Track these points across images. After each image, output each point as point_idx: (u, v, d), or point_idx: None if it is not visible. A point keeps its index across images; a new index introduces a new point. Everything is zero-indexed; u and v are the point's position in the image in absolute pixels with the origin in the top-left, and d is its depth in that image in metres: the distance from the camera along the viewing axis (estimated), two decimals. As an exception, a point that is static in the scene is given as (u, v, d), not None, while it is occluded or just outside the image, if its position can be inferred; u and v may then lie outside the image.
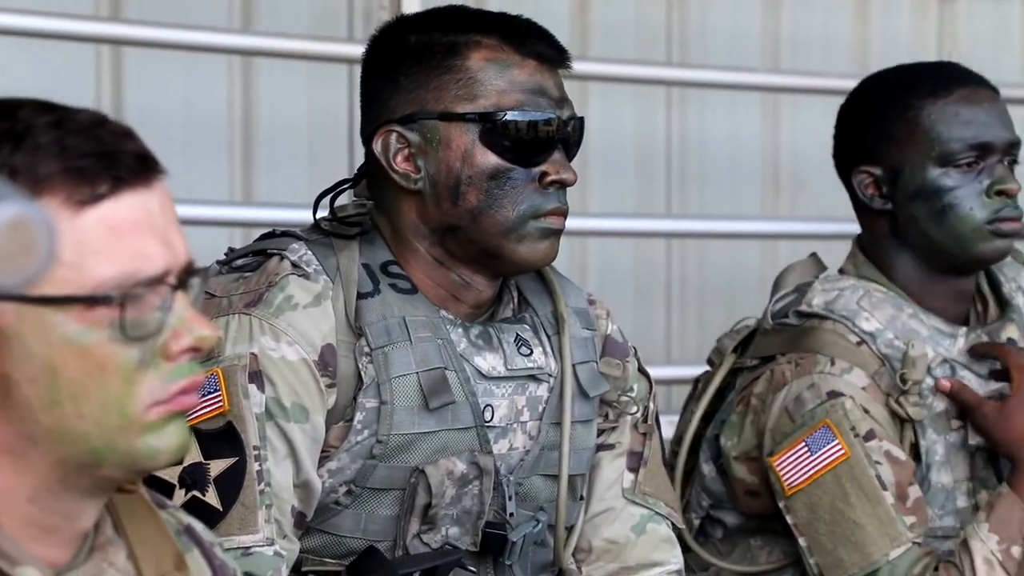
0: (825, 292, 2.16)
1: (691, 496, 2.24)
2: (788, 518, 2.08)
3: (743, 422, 2.16)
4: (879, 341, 2.11)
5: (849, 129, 2.21)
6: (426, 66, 1.81)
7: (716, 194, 4.05)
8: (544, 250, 1.80)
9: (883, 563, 2.03)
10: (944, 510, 2.11)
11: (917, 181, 2.13)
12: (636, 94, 3.94)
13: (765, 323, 2.21)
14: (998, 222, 2.11)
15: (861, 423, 2.06)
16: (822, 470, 2.06)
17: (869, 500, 2.04)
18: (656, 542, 1.93)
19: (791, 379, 2.11)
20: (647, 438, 1.95)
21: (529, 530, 1.83)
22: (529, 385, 1.84)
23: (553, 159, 1.80)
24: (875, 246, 2.18)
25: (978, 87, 2.15)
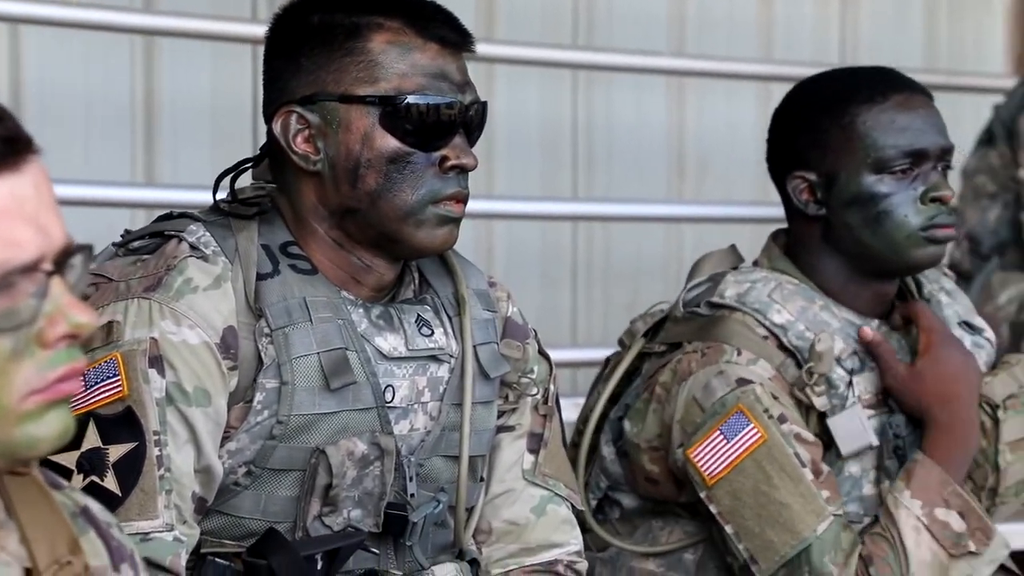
0: (738, 284, 2.16)
1: (590, 477, 2.25)
2: (711, 507, 2.08)
3: (647, 410, 2.16)
4: (790, 333, 2.11)
5: (784, 134, 2.20)
6: (328, 47, 1.80)
7: (622, 177, 4.07)
8: (443, 236, 1.80)
9: (812, 539, 2.04)
10: (850, 496, 2.12)
11: (852, 188, 2.12)
12: (542, 77, 3.95)
13: (676, 310, 2.21)
14: (933, 228, 2.11)
15: (773, 407, 2.07)
16: (741, 456, 2.07)
17: (791, 479, 2.06)
18: (556, 523, 1.93)
19: (697, 369, 2.11)
20: (547, 420, 1.95)
21: (430, 511, 1.83)
22: (430, 366, 1.84)
23: (454, 144, 1.80)
24: (802, 249, 2.18)
25: (913, 93, 2.14)
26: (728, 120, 4.19)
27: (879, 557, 2.05)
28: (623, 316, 4.07)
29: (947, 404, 2.10)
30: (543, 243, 4.02)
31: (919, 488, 2.07)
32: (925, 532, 2.05)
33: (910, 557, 2.04)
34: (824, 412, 2.10)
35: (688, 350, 2.13)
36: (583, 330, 4.07)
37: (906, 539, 2.04)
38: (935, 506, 2.06)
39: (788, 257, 2.19)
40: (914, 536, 2.05)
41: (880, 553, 2.05)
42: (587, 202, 3.99)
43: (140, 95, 3.43)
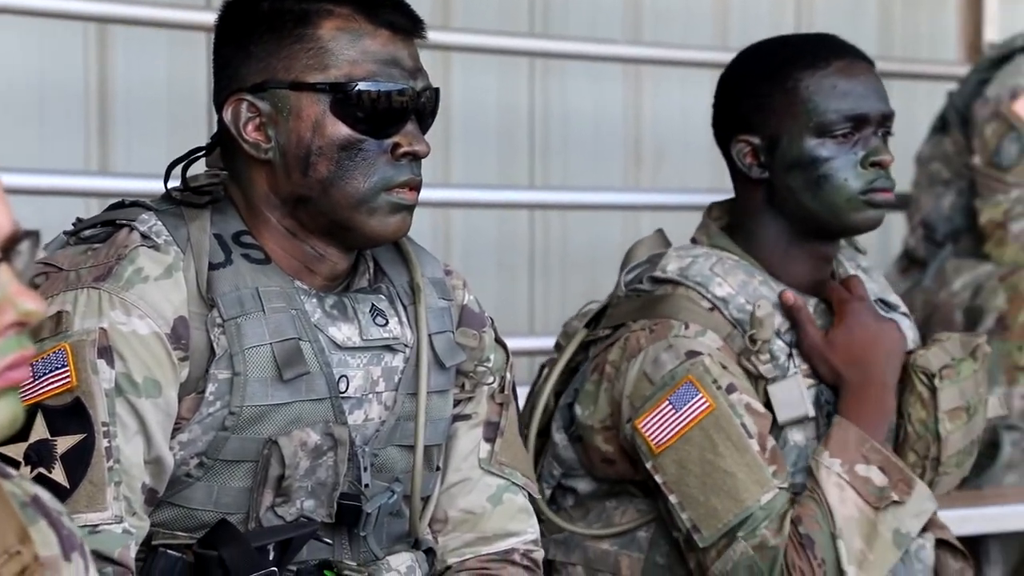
0: (679, 258, 2.18)
1: (543, 466, 2.26)
2: (657, 477, 2.10)
3: (598, 391, 2.17)
4: (731, 306, 2.14)
5: (728, 99, 2.23)
6: (277, 34, 1.79)
7: (579, 165, 4.07)
8: (395, 224, 1.79)
9: (756, 508, 2.06)
10: (796, 467, 2.14)
11: (794, 151, 2.15)
12: (499, 65, 3.94)
13: (618, 292, 2.23)
14: (872, 192, 2.14)
15: (722, 377, 2.09)
16: (689, 424, 2.09)
17: (737, 449, 2.07)
18: (513, 512, 1.93)
19: (646, 344, 2.13)
20: (504, 408, 1.95)
21: (384, 501, 1.82)
22: (385, 355, 1.83)
23: (406, 131, 1.79)
24: (746, 214, 2.20)
25: (855, 59, 2.17)
26: (684, 108, 4.19)
27: (808, 516, 2.08)
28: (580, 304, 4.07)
29: (858, 366, 2.13)
30: (500, 231, 4.01)
31: (837, 448, 2.09)
32: (849, 488, 2.08)
33: (835, 514, 2.06)
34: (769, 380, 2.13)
35: (635, 328, 2.15)
36: (540, 318, 4.07)
37: (830, 497, 2.07)
38: (855, 463, 2.09)
39: (728, 228, 2.22)
40: (838, 493, 2.08)
41: (809, 512, 2.08)
42: (544, 190, 3.98)
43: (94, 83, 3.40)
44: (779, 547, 2.05)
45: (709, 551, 2.08)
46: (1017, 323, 3.29)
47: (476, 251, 3.97)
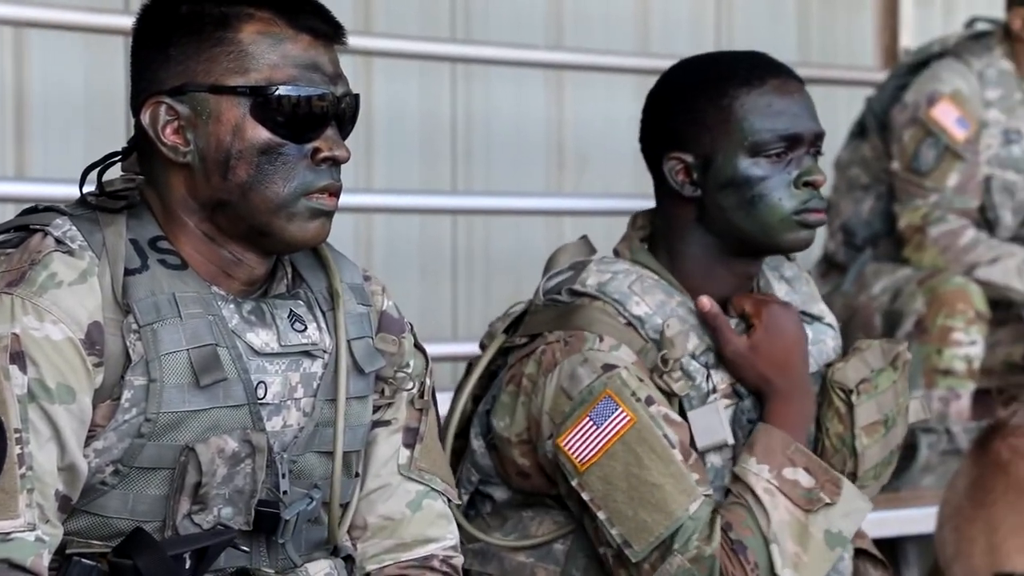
0: (599, 273, 2.17)
1: (461, 472, 2.25)
2: (584, 495, 2.08)
3: (515, 403, 2.16)
4: (647, 326, 2.13)
5: (659, 115, 2.21)
6: (197, 37, 1.78)
7: (501, 171, 4.07)
8: (315, 230, 1.78)
9: (685, 518, 2.05)
10: (713, 486, 2.14)
11: (728, 170, 2.13)
12: (421, 70, 3.94)
13: (536, 300, 2.21)
14: (805, 213, 2.13)
15: (640, 389, 2.08)
16: (611, 440, 2.08)
17: (662, 460, 2.06)
18: (432, 518, 1.93)
19: (561, 358, 2.11)
20: (423, 414, 1.94)
21: (303, 508, 1.81)
22: (303, 361, 1.82)
23: (326, 135, 1.79)
24: (671, 229, 2.19)
25: (788, 78, 2.16)
26: (606, 113, 4.20)
27: (738, 522, 2.07)
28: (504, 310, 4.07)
29: (783, 373, 2.13)
30: (423, 237, 4.00)
31: (764, 453, 2.09)
32: (779, 494, 2.08)
33: (771, 519, 2.06)
34: (682, 398, 2.12)
35: (550, 340, 2.14)
36: (463, 324, 4.07)
37: (762, 499, 2.07)
38: (782, 467, 2.09)
39: (650, 239, 2.20)
40: (769, 499, 2.07)
41: (739, 518, 2.07)
42: (466, 195, 3.98)
43: (10, 87, 3.36)
44: (714, 556, 2.04)
45: (642, 565, 2.06)
46: (936, 326, 3.32)
47: (398, 256, 3.96)
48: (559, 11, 4.14)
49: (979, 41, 3.52)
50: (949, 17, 4.66)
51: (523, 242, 4.13)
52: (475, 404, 2.25)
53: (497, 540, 2.18)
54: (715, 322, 2.14)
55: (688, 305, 2.16)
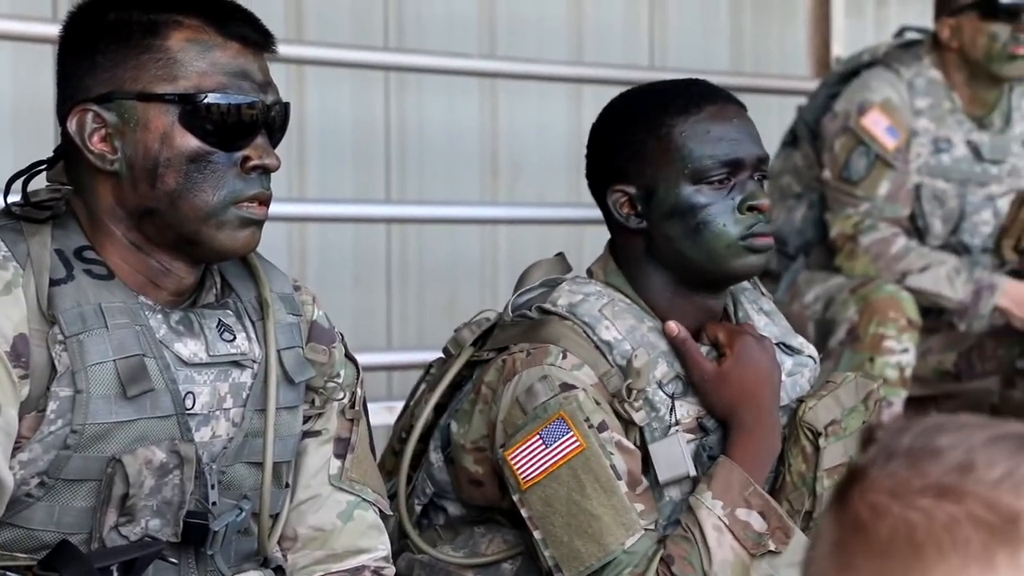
0: (571, 294, 2.14)
1: (416, 482, 2.23)
2: (523, 511, 2.06)
3: (473, 410, 2.14)
4: (615, 351, 2.10)
5: (601, 149, 2.19)
6: (124, 45, 1.76)
7: (435, 179, 4.06)
8: (244, 239, 1.77)
9: (619, 552, 2.03)
10: (669, 520, 2.11)
11: (671, 199, 2.11)
12: (354, 79, 3.93)
13: (505, 316, 2.19)
14: (751, 238, 2.11)
15: (594, 414, 2.06)
16: (558, 463, 2.05)
17: (605, 491, 2.04)
18: (363, 529, 1.91)
19: (521, 369, 2.09)
20: (354, 424, 1.93)
21: (232, 519, 1.79)
22: (232, 371, 1.80)
23: (256, 144, 1.77)
24: (628, 262, 2.17)
25: (727, 104, 2.14)
26: (540, 122, 4.20)
27: (680, 557, 2.05)
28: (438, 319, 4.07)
29: (751, 406, 2.10)
30: (357, 246, 3.99)
31: (720, 489, 2.07)
32: (727, 532, 2.05)
33: (712, 556, 2.04)
34: (642, 428, 2.10)
35: (514, 350, 2.12)
36: (398, 333, 4.05)
37: (708, 539, 2.04)
38: (736, 506, 2.06)
39: (619, 267, 2.19)
40: (716, 536, 2.05)
41: (682, 553, 2.05)
42: (400, 204, 3.97)
43: (-64, 96, 3.32)
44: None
45: None
46: (868, 334, 3.33)
47: (332, 266, 3.95)
48: (492, 20, 4.13)
49: (909, 50, 3.55)
50: (880, 27, 4.70)
51: (458, 251, 4.12)
52: (437, 414, 2.23)
53: (445, 556, 2.16)
54: (683, 347, 2.11)
55: (659, 331, 2.13)
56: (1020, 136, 3.56)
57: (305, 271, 3.88)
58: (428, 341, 3.80)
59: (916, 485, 1.03)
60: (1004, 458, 1.02)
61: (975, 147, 3.51)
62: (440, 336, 2.28)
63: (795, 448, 2.13)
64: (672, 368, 2.12)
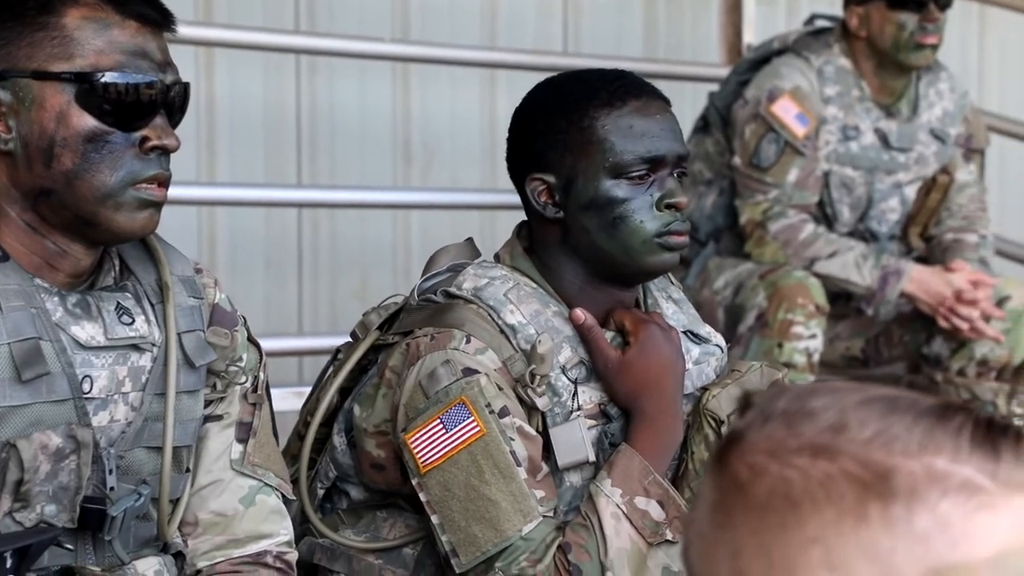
0: (476, 278, 2.14)
1: (320, 466, 2.21)
2: (421, 495, 2.06)
3: (377, 394, 2.14)
4: (519, 336, 2.10)
5: (523, 137, 2.18)
6: (19, 22, 1.73)
7: (347, 164, 4.04)
8: (143, 221, 1.74)
9: (516, 539, 2.03)
10: (570, 506, 2.12)
11: (590, 191, 2.11)
12: (265, 62, 3.89)
13: (411, 300, 2.19)
14: (667, 235, 2.11)
15: (496, 400, 2.06)
16: (457, 447, 2.05)
17: (504, 477, 2.04)
18: (265, 513, 1.90)
19: (425, 352, 2.08)
20: (257, 408, 1.92)
21: (130, 504, 1.77)
22: (131, 355, 1.78)
23: (155, 124, 1.75)
24: (542, 250, 2.17)
25: (651, 99, 2.14)
26: (453, 106, 4.19)
27: (578, 545, 2.05)
28: (350, 304, 4.05)
29: (653, 395, 2.10)
30: (267, 230, 3.96)
31: (620, 477, 2.07)
32: (624, 520, 2.06)
33: (609, 544, 2.04)
34: (545, 413, 2.10)
35: (419, 335, 2.11)
36: (309, 319, 4.03)
37: (606, 527, 2.05)
38: (635, 495, 2.07)
39: (531, 255, 2.18)
40: (613, 524, 2.05)
41: (579, 541, 2.05)
42: (312, 189, 3.94)
43: None
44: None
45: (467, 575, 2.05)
46: (776, 320, 3.35)
47: (243, 250, 3.91)
48: (405, 4, 4.11)
49: (818, 38, 3.57)
50: (792, 15, 4.73)
51: (370, 236, 4.10)
52: (342, 398, 2.22)
53: (346, 540, 2.15)
54: (589, 334, 2.11)
55: (564, 315, 2.13)
56: (927, 124, 3.59)
57: (215, 256, 3.85)
58: (340, 327, 3.78)
59: (792, 445, 1.06)
60: (875, 419, 1.06)
61: (883, 135, 3.53)
62: (352, 321, 2.27)
63: (698, 436, 2.14)
64: (576, 354, 2.12)
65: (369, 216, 4.09)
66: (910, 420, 1.05)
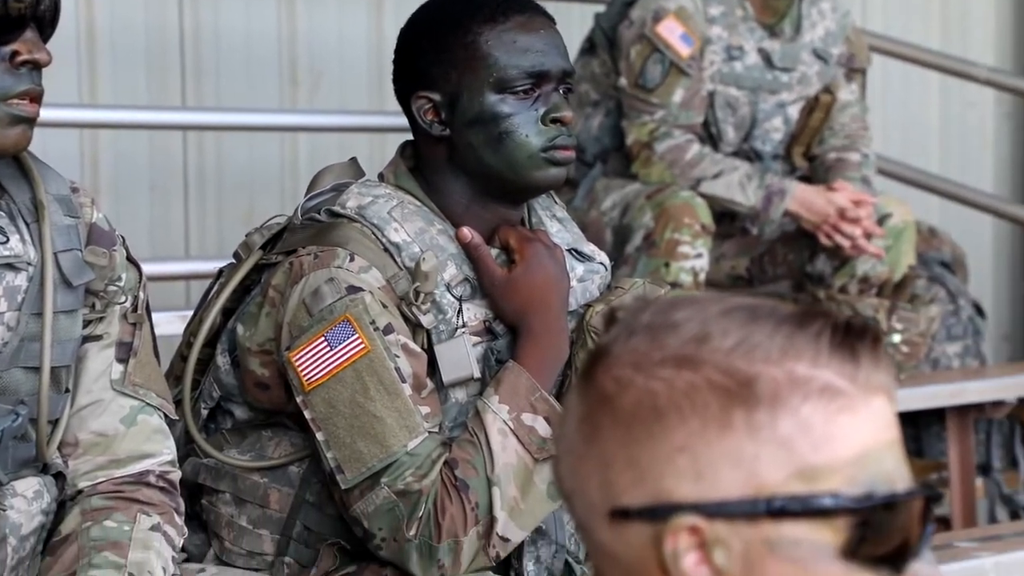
0: (360, 196, 2.14)
1: (204, 386, 2.21)
2: (306, 413, 2.06)
3: (260, 313, 2.13)
4: (404, 254, 2.10)
5: (408, 54, 2.17)
6: None
7: (233, 86, 4.00)
8: (15, 137, 1.72)
9: (402, 454, 2.04)
10: (455, 423, 2.13)
11: (475, 107, 2.11)
12: (147, -18, 3.83)
13: (295, 219, 2.18)
14: (553, 150, 2.12)
15: (380, 317, 2.06)
16: (342, 364, 2.05)
17: (388, 393, 2.05)
18: (147, 433, 1.89)
19: (308, 271, 2.08)
20: (137, 328, 1.91)
21: (8, 424, 1.76)
22: (6, 275, 1.77)
23: (25, 38, 1.73)
24: (429, 169, 2.17)
25: (534, 15, 2.14)
26: (340, 28, 4.16)
27: (464, 460, 2.06)
28: (238, 228, 4.01)
29: (540, 312, 2.12)
30: (152, 154, 3.91)
31: (507, 394, 2.09)
32: (512, 436, 2.08)
33: (496, 460, 2.06)
34: (430, 330, 2.11)
35: (302, 253, 2.11)
36: (196, 242, 4.00)
37: (492, 443, 2.06)
38: (522, 411, 2.08)
39: (415, 174, 2.19)
40: (500, 440, 2.07)
41: (466, 457, 2.07)
42: (197, 111, 3.90)
43: None
44: (421, 492, 2.03)
45: (351, 492, 2.05)
46: (663, 240, 3.38)
47: (127, 174, 3.87)
48: (289, -76, 4.07)
49: (703, -42, 3.58)
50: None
51: (256, 159, 4.07)
52: (225, 318, 2.21)
53: (231, 459, 2.15)
54: (476, 252, 2.12)
55: (449, 233, 2.14)
56: (809, 44, 3.62)
57: (98, 180, 3.80)
58: (227, 250, 3.74)
59: (656, 357, 1.08)
60: (736, 328, 1.08)
61: (766, 55, 3.56)
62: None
63: (582, 353, 2.15)
64: (461, 271, 2.13)
65: (256, 139, 4.05)
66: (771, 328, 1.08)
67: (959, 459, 3.71)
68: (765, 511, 1.05)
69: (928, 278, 3.99)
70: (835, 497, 1.06)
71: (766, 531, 1.05)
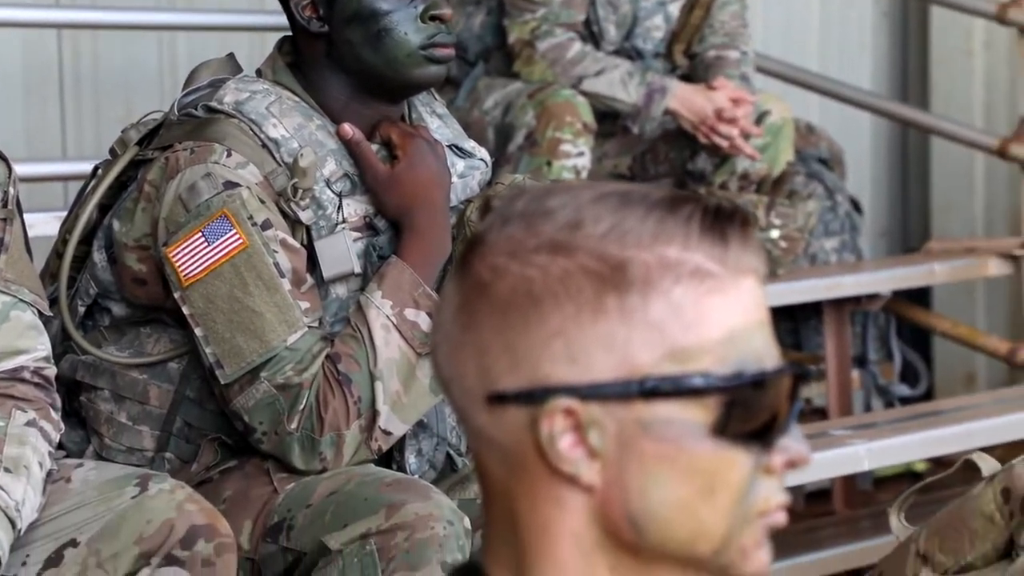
0: (237, 91, 2.13)
1: (80, 283, 2.19)
2: (184, 309, 2.06)
3: (136, 208, 2.12)
4: (283, 149, 2.10)
5: None
6: None
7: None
8: None
9: (281, 349, 2.05)
10: (336, 318, 2.14)
11: (353, 4, 2.12)
12: None
13: (171, 115, 2.16)
14: (432, 47, 2.13)
15: (258, 213, 2.06)
16: (220, 260, 2.05)
17: (267, 288, 2.05)
18: (21, 329, 1.88)
19: (185, 166, 2.08)
20: (7, 224, 1.89)
21: None
22: None
23: None
24: (307, 65, 2.17)
25: None
26: (215, -75, 4.08)
27: (347, 355, 2.07)
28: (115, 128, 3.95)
29: (423, 207, 2.13)
30: (26, 53, 3.83)
31: (390, 289, 2.09)
32: (394, 331, 2.09)
33: (379, 354, 2.08)
34: (309, 226, 2.11)
35: (178, 148, 2.09)
36: (73, 143, 3.94)
37: (375, 337, 2.08)
38: (405, 306, 2.10)
39: (293, 70, 2.16)
40: (383, 335, 2.08)
41: (348, 351, 2.08)
42: (72, 9, 3.82)
43: None
44: (302, 386, 2.04)
45: (231, 387, 2.06)
46: (545, 139, 3.38)
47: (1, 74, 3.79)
48: None
49: None
50: None
51: (134, 59, 4.01)
52: (101, 215, 2.19)
53: (109, 356, 2.14)
54: (357, 148, 2.12)
55: (328, 129, 2.13)
56: (688, -58, 3.62)
57: (-29, 79, 3.72)
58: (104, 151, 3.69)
59: (531, 244, 1.09)
60: (609, 213, 1.09)
61: (647, -48, 3.56)
62: (117, 145, 2.23)
63: (462, 246, 2.16)
64: (340, 167, 2.13)
65: (133, 38, 3.98)
66: (642, 212, 1.09)
67: (836, 351, 3.79)
68: (638, 392, 1.07)
69: (806, 174, 4.03)
70: (705, 376, 1.08)
71: (639, 412, 1.07)
